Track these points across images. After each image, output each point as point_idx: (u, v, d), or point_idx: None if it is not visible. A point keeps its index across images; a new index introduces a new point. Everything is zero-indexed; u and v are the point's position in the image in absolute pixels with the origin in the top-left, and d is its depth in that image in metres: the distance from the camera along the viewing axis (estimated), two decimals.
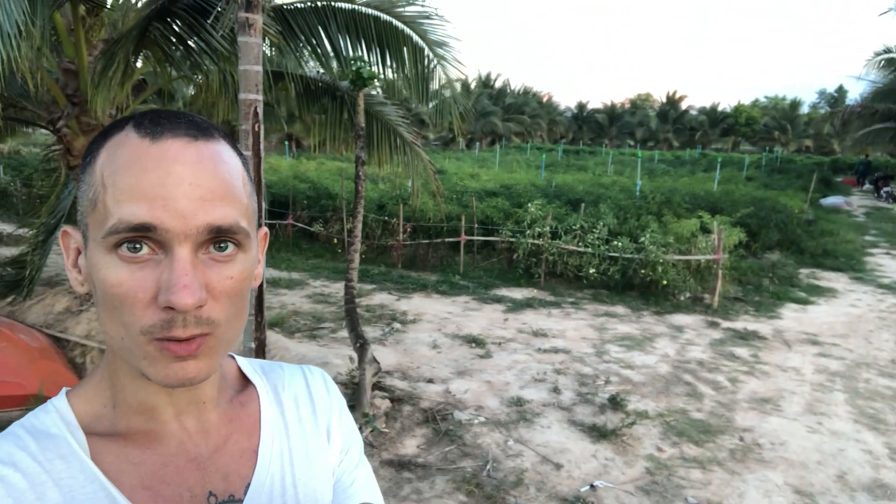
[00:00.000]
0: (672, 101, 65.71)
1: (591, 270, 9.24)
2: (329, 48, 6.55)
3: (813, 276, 10.92)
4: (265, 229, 0.75)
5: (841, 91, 55.07)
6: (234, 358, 0.83)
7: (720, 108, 64.48)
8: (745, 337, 7.34)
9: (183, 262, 0.58)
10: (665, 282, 8.73)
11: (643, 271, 8.87)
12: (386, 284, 9.52)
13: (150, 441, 0.68)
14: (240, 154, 0.68)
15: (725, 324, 7.89)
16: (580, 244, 9.57)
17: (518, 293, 9.21)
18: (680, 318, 8.11)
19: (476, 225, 10.87)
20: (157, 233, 0.58)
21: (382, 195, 12.76)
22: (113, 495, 0.63)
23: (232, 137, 0.69)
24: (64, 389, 0.70)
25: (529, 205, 10.73)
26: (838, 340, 7.34)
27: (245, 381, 0.81)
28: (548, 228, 9.72)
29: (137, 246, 0.59)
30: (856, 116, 30.18)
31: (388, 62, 6.84)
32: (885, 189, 27.10)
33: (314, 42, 6.47)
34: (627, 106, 70.26)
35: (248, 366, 0.83)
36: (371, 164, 6.67)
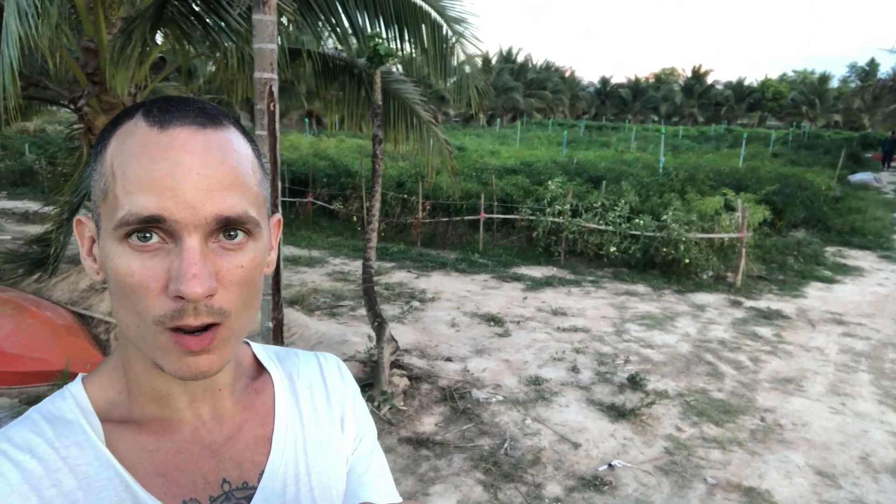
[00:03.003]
0: (697, 76, 64.50)
1: (612, 249, 9.15)
2: (347, 25, 6.50)
3: (839, 254, 10.71)
4: (278, 216, 0.75)
5: (872, 65, 53.63)
6: (248, 344, 0.83)
7: (746, 83, 63.20)
8: (769, 316, 7.24)
9: (192, 251, 0.58)
10: (687, 260, 8.63)
11: (665, 249, 8.77)
12: (405, 262, 9.52)
13: (165, 428, 0.69)
14: (251, 141, 0.67)
15: (748, 303, 7.79)
16: (601, 222, 9.47)
17: (537, 271, 9.16)
18: (702, 297, 8.02)
19: (496, 203, 10.81)
20: (167, 224, 0.58)
21: (402, 173, 12.72)
22: (128, 482, 0.63)
23: (247, 118, 0.67)
24: (80, 376, 0.71)
25: (550, 182, 10.63)
26: (864, 320, 7.21)
27: (260, 368, 0.81)
28: (568, 206, 9.63)
29: (147, 235, 0.59)
30: (888, 91, 29.39)
31: (407, 38, 6.77)
32: None
33: (332, 19, 6.42)
34: (651, 80, 69.09)
35: (263, 353, 0.83)
36: (387, 143, 6.63)
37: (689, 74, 65.68)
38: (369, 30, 6.61)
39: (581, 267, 9.40)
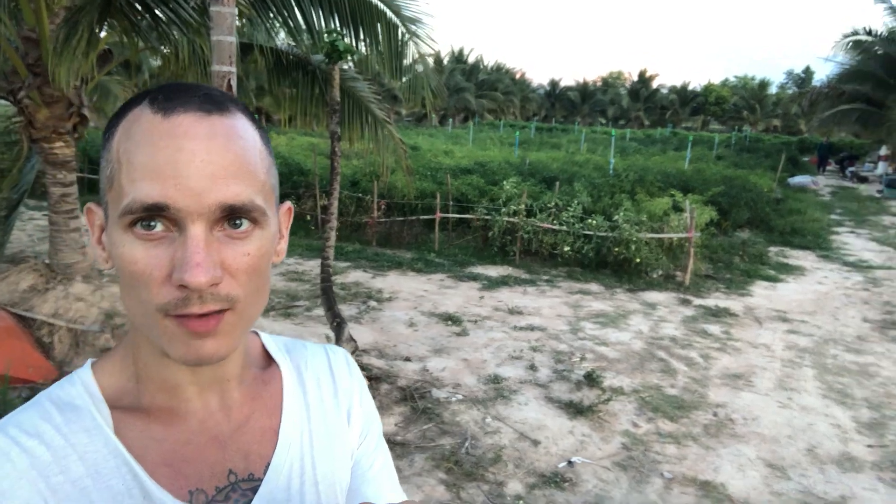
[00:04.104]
0: (643, 80, 66.02)
1: (566, 248, 9.27)
2: (301, 21, 6.40)
3: (782, 254, 11.10)
4: (288, 205, 0.74)
5: (808, 72, 55.82)
6: (258, 335, 0.82)
7: (690, 88, 64.99)
8: (717, 314, 7.44)
9: (196, 240, 0.58)
10: (638, 259, 8.80)
11: (617, 249, 8.92)
12: (361, 262, 9.43)
13: (173, 418, 0.69)
14: (259, 128, 0.66)
15: (697, 301, 8.00)
16: (555, 222, 9.58)
17: (493, 271, 9.20)
18: (653, 296, 8.19)
19: (451, 202, 10.82)
20: (170, 212, 0.57)
21: (356, 171, 12.61)
22: (136, 471, 0.63)
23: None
24: (89, 361, 0.71)
25: (504, 182, 10.70)
26: (807, 317, 7.48)
27: (268, 359, 0.81)
28: (523, 206, 9.71)
29: (152, 224, 0.58)
30: (823, 97, 30.58)
31: (362, 37, 6.72)
32: (850, 169, 27.65)
33: (285, 14, 6.31)
34: (599, 84, 70.40)
35: (273, 343, 0.83)
36: (343, 141, 6.56)
37: (636, 78, 67.17)
38: (324, 27, 6.52)
39: (536, 266, 9.48)
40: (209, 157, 0.58)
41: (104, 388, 0.68)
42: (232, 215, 0.60)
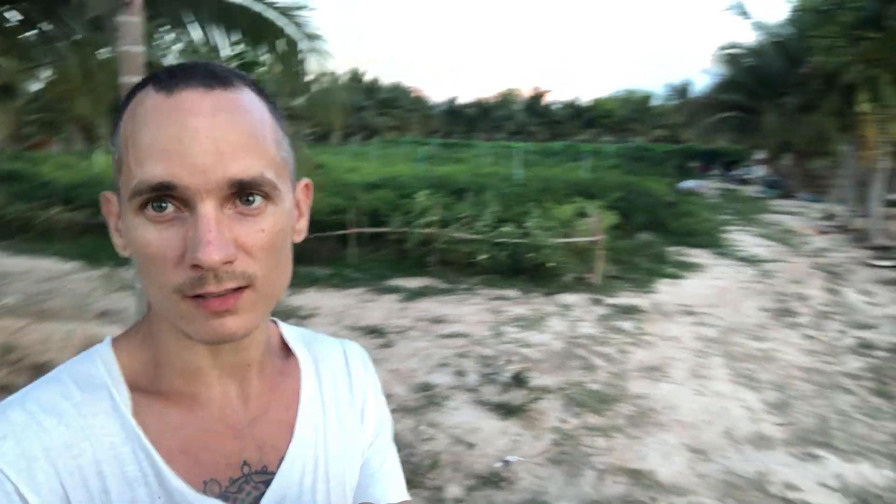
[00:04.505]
0: (537, 96, 68.38)
1: (482, 257, 9.42)
2: (201, 36, 6.23)
3: (680, 253, 11.74)
4: (306, 180, 0.73)
5: (688, 84, 59.62)
6: (276, 324, 0.81)
7: (581, 102, 67.92)
8: (628, 311, 7.77)
9: (206, 218, 0.56)
10: (551, 264, 9.06)
11: (530, 255, 9.16)
12: None
13: (192, 404, 0.67)
14: (269, 101, 0.65)
15: (608, 300, 8.32)
16: (469, 232, 9.72)
17: (413, 282, 9.21)
18: (567, 298, 8.44)
19: (364, 217, 10.76)
20: (179, 190, 0.56)
21: None
22: (153, 458, 0.62)
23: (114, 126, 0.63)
24: (109, 338, 0.69)
25: (416, 195, 10.75)
26: (710, 310, 7.95)
27: (287, 350, 0.80)
28: (437, 218, 9.78)
29: (163, 205, 0.57)
30: (702, 107, 32.66)
31: (264, 53, 6.62)
32: (732, 172, 29.70)
33: (183, 30, 6.13)
34: (496, 100, 72.26)
35: (291, 334, 0.82)
36: None
37: (530, 95, 69.49)
38: (225, 42, 6.38)
39: (454, 276, 9.57)
40: (214, 132, 0.57)
41: (124, 367, 0.66)
42: (242, 191, 0.58)
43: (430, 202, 10.40)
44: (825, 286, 9.27)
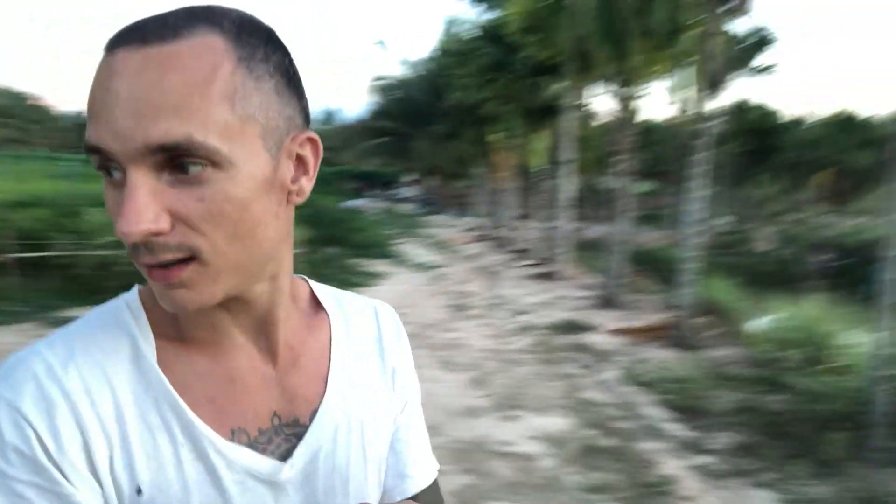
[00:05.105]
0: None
1: None
2: None
3: (362, 265, 12.64)
4: (309, 133, 0.63)
5: (341, 111, 63.20)
6: (307, 281, 0.79)
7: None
8: None
9: (129, 187, 0.52)
10: None
11: None
12: None
13: (218, 354, 0.65)
14: (241, 47, 0.56)
15: None
16: None
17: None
18: None
19: (16, 242, 9.24)
20: (108, 155, 0.53)
21: None
22: (177, 404, 0.60)
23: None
24: (136, 286, 0.66)
25: (87, 213, 9.64)
26: (406, 310, 8.82)
27: (318, 307, 0.77)
28: (113, 238, 8.88)
29: (111, 170, 0.54)
30: (357, 132, 35.09)
31: None
32: (389, 192, 32.47)
33: None
34: None
35: (322, 290, 0.79)
36: None
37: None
38: None
39: None
40: (134, 93, 0.52)
41: (150, 315, 0.63)
42: (176, 157, 0.52)
43: (106, 219, 9.40)
44: (486, 284, 10.97)
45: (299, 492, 0.66)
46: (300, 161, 0.62)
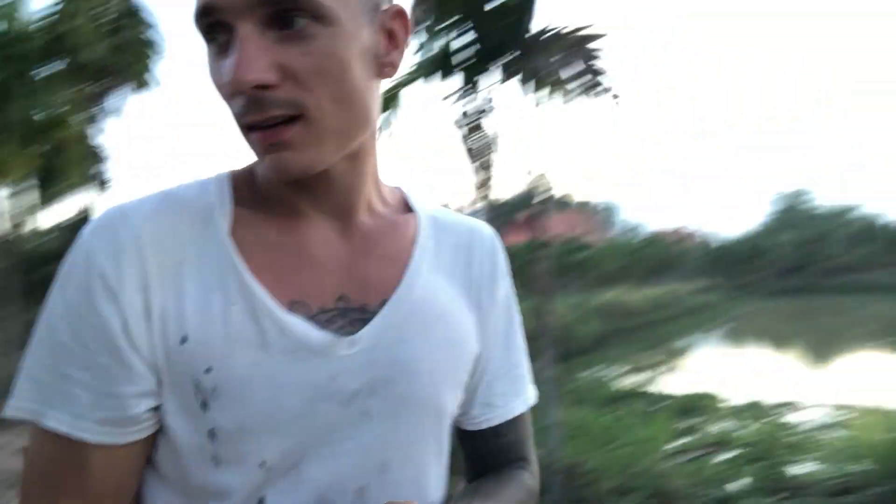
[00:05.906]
0: None
1: None
2: None
3: None
4: (397, 7, 0.64)
5: None
6: (401, 189, 0.79)
7: None
8: None
9: (241, 40, 0.53)
10: None
11: None
12: None
13: (291, 228, 0.66)
14: None
15: None
16: None
17: None
18: None
19: None
20: (218, 14, 0.54)
21: None
22: (236, 267, 0.61)
23: None
24: (230, 169, 0.69)
25: None
26: None
27: (408, 209, 0.76)
28: None
29: (216, 36, 0.56)
30: None
31: None
32: None
33: None
34: None
35: (419, 199, 0.79)
36: None
37: None
38: None
39: None
40: None
41: (236, 187, 0.66)
42: (283, 11, 0.54)
43: None
44: None
45: (356, 375, 0.64)
46: (391, 35, 0.63)
